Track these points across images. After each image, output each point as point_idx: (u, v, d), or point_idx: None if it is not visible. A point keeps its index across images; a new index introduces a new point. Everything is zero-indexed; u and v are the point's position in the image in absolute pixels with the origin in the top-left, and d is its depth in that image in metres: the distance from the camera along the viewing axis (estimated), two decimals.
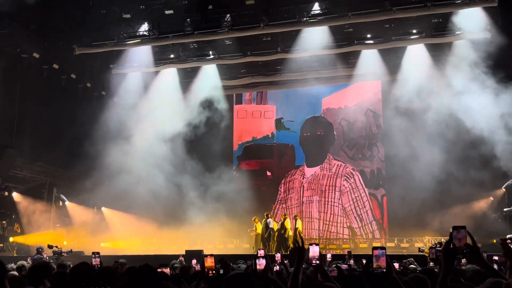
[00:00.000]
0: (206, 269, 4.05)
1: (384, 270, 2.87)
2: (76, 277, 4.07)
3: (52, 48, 20.28)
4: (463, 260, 7.61)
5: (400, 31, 19.01)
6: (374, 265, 2.88)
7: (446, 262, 2.88)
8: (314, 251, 3.83)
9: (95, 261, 6.51)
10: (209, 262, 4.07)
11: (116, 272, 6.23)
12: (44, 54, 19.90)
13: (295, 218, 18.73)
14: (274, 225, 18.51)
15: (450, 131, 18.48)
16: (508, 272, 3.24)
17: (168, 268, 4.86)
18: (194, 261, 9.55)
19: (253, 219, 18.92)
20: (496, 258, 8.97)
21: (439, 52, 19.71)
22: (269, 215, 18.93)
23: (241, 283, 3.24)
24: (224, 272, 4.40)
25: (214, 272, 4.05)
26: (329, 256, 10.65)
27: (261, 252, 7.28)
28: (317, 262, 3.82)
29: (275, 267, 7.13)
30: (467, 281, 4.50)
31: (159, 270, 4.69)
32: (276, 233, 18.19)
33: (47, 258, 13.68)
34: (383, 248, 2.93)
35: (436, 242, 14.06)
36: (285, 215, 18.91)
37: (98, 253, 6.68)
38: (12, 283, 3.78)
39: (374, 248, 2.94)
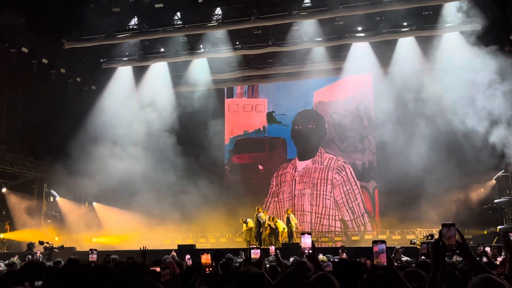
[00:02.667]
0: (202, 266, 4.02)
1: (385, 264, 2.87)
2: (68, 275, 4.03)
3: (41, 43, 20.12)
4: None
5: (391, 24, 18.99)
6: (375, 262, 2.88)
7: (436, 260, 2.90)
8: (305, 241, 3.80)
9: (92, 257, 6.50)
10: (205, 259, 4.04)
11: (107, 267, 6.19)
12: (33, 48, 19.73)
13: (287, 213, 18.72)
14: (265, 219, 18.51)
15: (441, 124, 18.55)
16: (508, 264, 3.26)
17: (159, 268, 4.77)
18: (187, 256, 9.55)
19: (241, 220, 18.96)
20: (488, 250, 9.08)
21: (429, 44, 19.72)
22: (260, 209, 18.89)
23: (252, 282, 3.23)
24: (218, 267, 4.36)
25: (211, 269, 4.02)
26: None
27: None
28: (310, 252, 3.78)
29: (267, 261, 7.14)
30: (459, 274, 4.52)
31: (151, 268, 4.62)
32: (268, 228, 18.19)
33: (40, 255, 13.60)
34: (383, 241, 2.92)
35: (427, 234, 14.13)
36: (287, 210, 19.04)
37: (95, 249, 6.66)
38: None
39: (374, 242, 2.93)
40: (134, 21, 19.90)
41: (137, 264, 4.24)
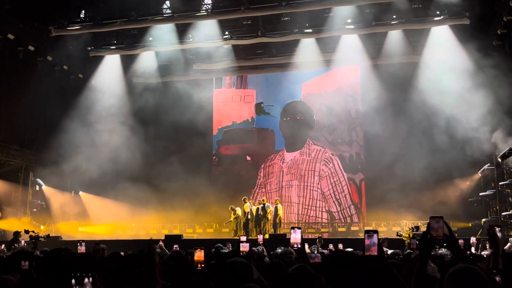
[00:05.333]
0: (195, 263, 4.01)
1: (376, 254, 2.90)
2: (54, 263, 4.00)
3: (28, 30, 19.81)
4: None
5: (380, 17, 18.99)
6: (366, 253, 2.90)
7: (423, 252, 2.92)
8: (296, 236, 3.85)
9: (81, 249, 6.30)
10: (198, 256, 4.03)
11: (96, 256, 6.14)
12: (20, 35, 19.41)
13: (276, 203, 18.71)
14: (252, 209, 18.50)
15: (428, 117, 18.68)
16: (492, 258, 3.29)
17: None
18: (175, 246, 9.57)
19: (229, 208, 18.80)
20: (473, 239, 9.25)
21: (418, 37, 19.79)
22: (247, 199, 18.87)
23: (240, 271, 3.23)
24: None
25: (203, 265, 4.01)
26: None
27: (243, 238, 7.26)
28: (299, 246, 3.85)
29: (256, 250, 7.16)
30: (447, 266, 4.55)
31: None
32: (254, 217, 18.20)
33: (25, 244, 13.49)
34: (375, 231, 2.94)
35: (413, 226, 14.23)
36: (276, 200, 19.02)
37: (84, 241, 6.48)
38: None
39: (367, 231, 2.95)
40: (122, 9, 19.67)
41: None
